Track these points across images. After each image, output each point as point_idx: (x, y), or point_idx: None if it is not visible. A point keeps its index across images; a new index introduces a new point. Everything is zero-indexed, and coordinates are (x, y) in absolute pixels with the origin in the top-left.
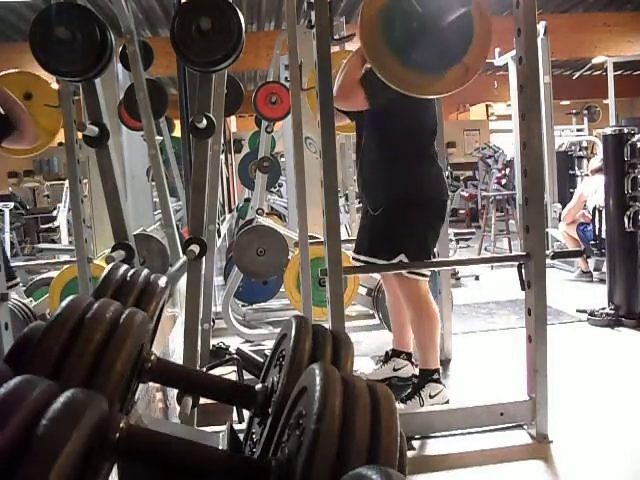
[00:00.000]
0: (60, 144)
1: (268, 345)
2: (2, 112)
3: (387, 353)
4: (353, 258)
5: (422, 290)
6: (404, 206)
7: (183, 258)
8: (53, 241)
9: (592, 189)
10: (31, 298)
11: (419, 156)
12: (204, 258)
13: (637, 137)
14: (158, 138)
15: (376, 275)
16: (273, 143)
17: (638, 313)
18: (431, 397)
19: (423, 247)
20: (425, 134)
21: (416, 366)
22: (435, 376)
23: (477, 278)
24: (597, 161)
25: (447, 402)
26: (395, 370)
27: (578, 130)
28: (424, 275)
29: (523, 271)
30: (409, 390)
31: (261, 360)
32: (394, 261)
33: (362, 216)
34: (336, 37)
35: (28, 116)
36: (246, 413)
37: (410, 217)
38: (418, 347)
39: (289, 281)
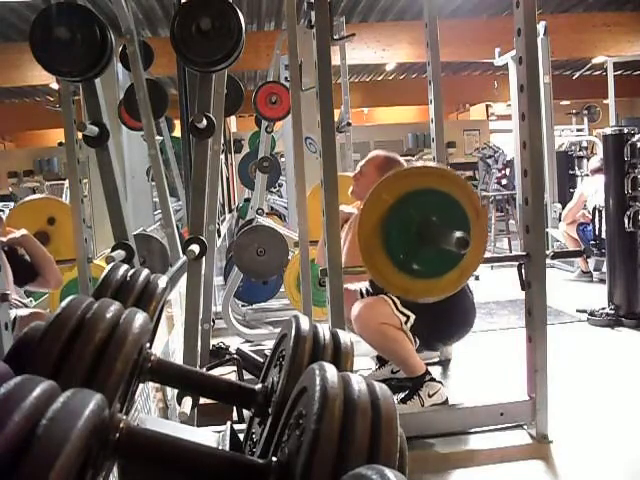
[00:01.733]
0: (60, 144)
1: (268, 345)
2: (28, 259)
3: (379, 357)
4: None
5: (379, 319)
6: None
7: (183, 258)
8: None
9: (592, 189)
10: (31, 298)
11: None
12: (204, 258)
13: (637, 137)
14: (158, 138)
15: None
16: (273, 143)
17: (638, 313)
18: (430, 396)
19: (435, 326)
20: None
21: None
22: (427, 377)
23: (477, 278)
24: (597, 161)
25: (446, 400)
26: (393, 372)
27: (578, 130)
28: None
29: (523, 271)
30: (407, 391)
31: (261, 360)
32: (403, 310)
33: None
34: (336, 37)
35: (52, 263)
36: (246, 413)
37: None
38: (396, 364)
39: (289, 281)
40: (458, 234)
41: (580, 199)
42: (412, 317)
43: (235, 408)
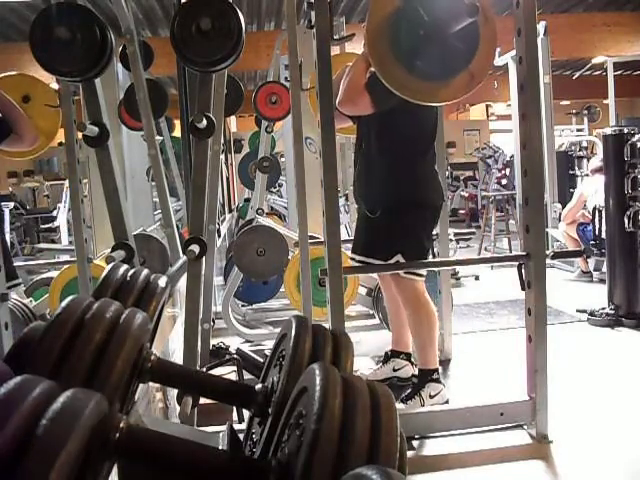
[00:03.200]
0: (60, 144)
1: (268, 345)
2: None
3: (386, 354)
4: (350, 258)
5: (419, 290)
6: (401, 208)
7: (183, 258)
8: (53, 241)
9: (592, 189)
10: (31, 298)
11: (417, 160)
12: (204, 258)
13: (637, 137)
14: (158, 138)
15: (375, 275)
16: (273, 143)
17: (638, 313)
18: (431, 397)
19: (420, 248)
20: (424, 139)
21: (415, 366)
22: (435, 376)
23: (477, 278)
24: (597, 161)
25: (447, 402)
26: (395, 370)
27: (578, 130)
28: (420, 275)
29: (523, 271)
30: (409, 390)
31: (261, 360)
32: (391, 261)
33: (358, 217)
34: (336, 37)
35: (26, 118)
36: (246, 413)
37: (407, 219)
38: (417, 347)
39: (289, 281)
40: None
41: (580, 199)
42: (400, 257)
43: (235, 408)
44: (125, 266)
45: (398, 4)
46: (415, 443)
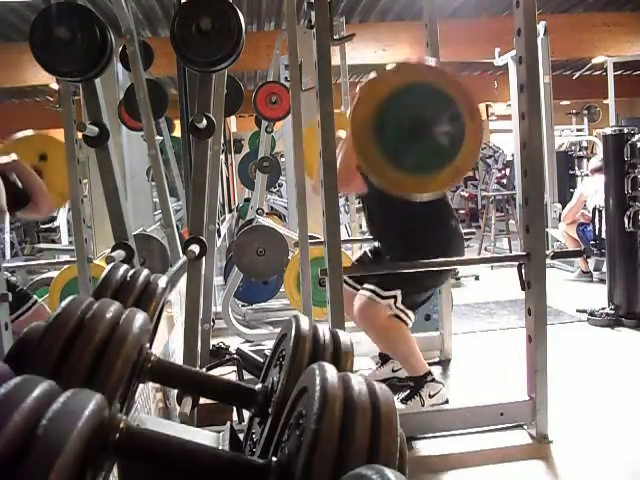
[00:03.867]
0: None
1: (268, 345)
2: (20, 185)
3: (381, 354)
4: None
5: (380, 315)
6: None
7: (183, 258)
8: (53, 241)
9: (592, 189)
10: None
11: (428, 223)
12: (204, 258)
13: (637, 137)
14: (158, 138)
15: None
16: (273, 143)
17: (638, 313)
18: (431, 396)
19: (419, 290)
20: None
21: None
22: (429, 378)
23: (477, 278)
24: (597, 161)
25: (447, 401)
26: (394, 371)
27: (578, 130)
28: (407, 316)
29: (523, 271)
30: (407, 391)
31: (261, 360)
32: (390, 293)
33: (368, 252)
34: (336, 37)
35: (44, 189)
36: (246, 413)
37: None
38: (400, 363)
39: (289, 281)
40: (451, 110)
41: (580, 199)
42: (398, 293)
43: (235, 408)
44: (125, 266)
45: (383, 103)
46: (415, 443)
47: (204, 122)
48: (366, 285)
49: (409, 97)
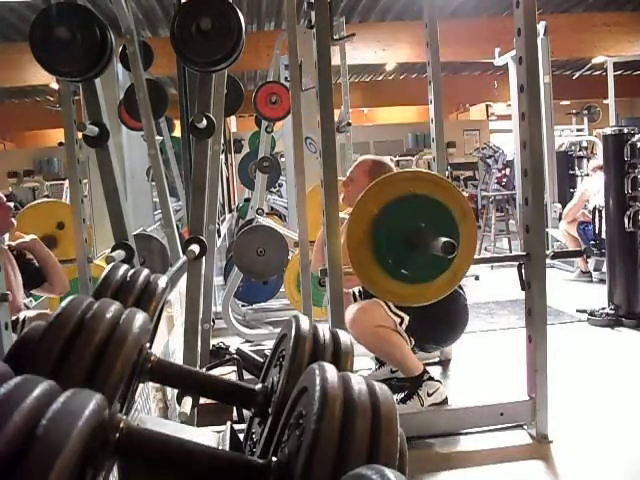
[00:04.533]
0: (60, 144)
1: (268, 345)
2: (36, 264)
3: (378, 357)
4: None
5: (373, 322)
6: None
7: (183, 258)
8: None
9: (595, 188)
10: (31, 298)
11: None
12: (204, 258)
13: (637, 137)
14: (158, 138)
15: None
16: (273, 143)
17: (638, 313)
18: (429, 395)
19: (429, 326)
20: None
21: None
22: (425, 377)
23: (477, 278)
24: (599, 159)
25: (445, 399)
26: (393, 372)
27: (578, 130)
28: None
29: (523, 271)
30: (406, 392)
31: (261, 360)
32: (397, 312)
33: None
34: (336, 37)
35: (60, 271)
36: (246, 413)
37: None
38: (394, 365)
39: (289, 281)
40: (443, 240)
41: (582, 198)
42: (406, 318)
43: (235, 408)
44: (125, 266)
45: (375, 219)
46: (415, 443)
47: (204, 122)
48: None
49: (400, 210)
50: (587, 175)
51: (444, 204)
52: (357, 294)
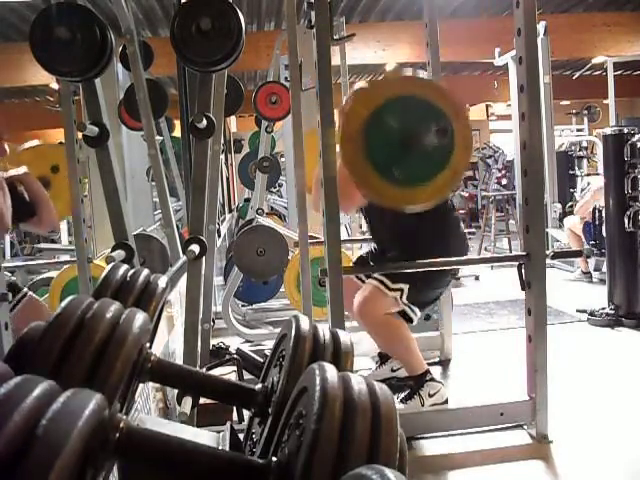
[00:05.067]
0: (60, 144)
1: (268, 345)
2: (27, 198)
3: (380, 354)
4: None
5: (381, 309)
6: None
7: (183, 258)
8: (53, 241)
9: None
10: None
11: (432, 229)
12: (204, 258)
13: (637, 137)
14: (158, 138)
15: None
16: (273, 143)
17: (638, 313)
18: (430, 396)
19: (426, 288)
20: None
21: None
22: (428, 377)
23: (477, 278)
24: None
25: (446, 401)
26: (393, 371)
27: (578, 130)
28: (411, 313)
29: (523, 271)
30: (407, 391)
31: (261, 360)
32: (396, 286)
33: (373, 250)
34: (336, 37)
35: (49, 205)
36: (246, 413)
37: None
38: (398, 361)
39: (289, 281)
40: (435, 127)
41: (594, 196)
42: (405, 288)
43: (235, 408)
44: (125, 266)
45: (368, 117)
46: (415, 443)
47: (204, 122)
48: (375, 275)
49: (393, 110)
50: (588, 175)
51: (435, 104)
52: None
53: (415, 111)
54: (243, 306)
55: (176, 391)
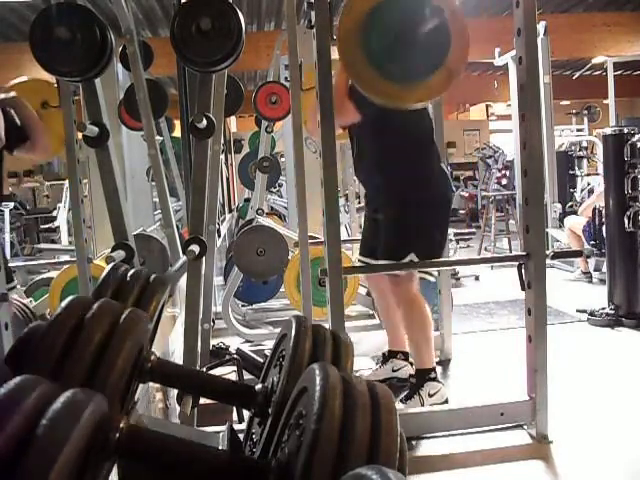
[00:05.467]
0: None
1: (268, 345)
2: (18, 122)
3: (384, 354)
4: (360, 260)
5: (413, 290)
6: (409, 207)
7: (183, 258)
8: (53, 241)
9: None
10: (31, 298)
11: (418, 158)
12: (204, 258)
13: (637, 137)
14: (158, 138)
15: (362, 276)
16: (273, 143)
17: (638, 313)
18: (430, 396)
19: (433, 245)
20: (422, 135)
21: (413, 365)
22: (432, 375)
23: (477, 278)
24: None
25: (446, 401)
26: (394, 371)
27: (578, 130)
28: (426, 274)
29: (523, 271)
30: (408, 390)
31: (261, 360)
32: (405, 260)
33: (367, 217)
34: (336, 37)
35: (42, 128)
36: (246, 413)
37: (417, 217)
38: (412, 348)
39: (289, 281)
40: (432, 22)
41: (600, 197)
42: (413, 256)
43: (235, 408)
44: (125, 266)
45: (366, 10)
46: (415, 443)
47: (204, 122)
48: (381, 261)
49: (389, 6)
50: (588, 175)
51: (432, 3)
52: None
53: (411, 8)
54: (243, 306)
55: (176, 391)
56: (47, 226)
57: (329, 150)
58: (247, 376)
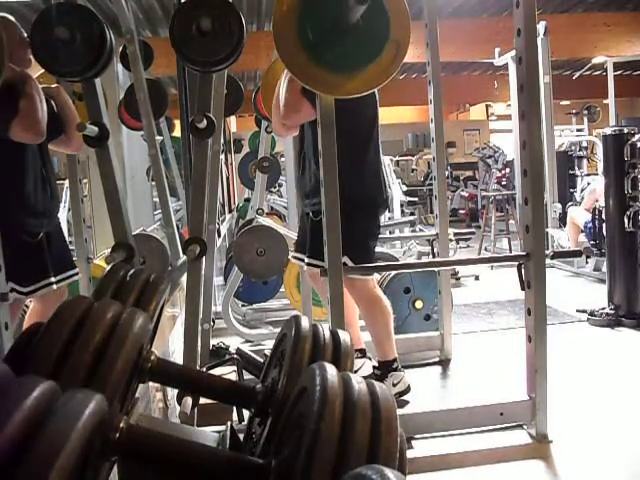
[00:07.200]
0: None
1: (268, 345)
2: (56, 111)
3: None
4: (293, 257)
5: (370, 285)
6: (340, 210)
7: (183, 258)
8: None
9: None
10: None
11: (349, 154)
12: (204, 258)
13: (637, 137)
14: (158, 138)
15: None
16: (273, 143)
17: (638, 313)
18: (394, 385)
19: (364, 248)
20: (358, 136)
21: (369, 359)
22: (394, 365)
23: (477, 278)
24: None
25: (409, 387)
26: (355, 371)
27: (578, 130)
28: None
29: (523, 271)
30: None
31: (261, 360)
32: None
33: (301, 218)
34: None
35: (77, 122)
36: (246, 413)
37: (347, 221)
38: (375, 342)
39: (289, 281)
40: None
41: (595, 193)
42: (346, 259)
43: (235, 408)
44: (125, 266)
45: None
46: (415, 443)
47: (204, 122)
48: (315, 263)
49: None
50: (588, 175)
51: None
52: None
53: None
54: (243, 306)
55: (176, 391)
56: None
57: (329, 150)
58: (247, 376)
